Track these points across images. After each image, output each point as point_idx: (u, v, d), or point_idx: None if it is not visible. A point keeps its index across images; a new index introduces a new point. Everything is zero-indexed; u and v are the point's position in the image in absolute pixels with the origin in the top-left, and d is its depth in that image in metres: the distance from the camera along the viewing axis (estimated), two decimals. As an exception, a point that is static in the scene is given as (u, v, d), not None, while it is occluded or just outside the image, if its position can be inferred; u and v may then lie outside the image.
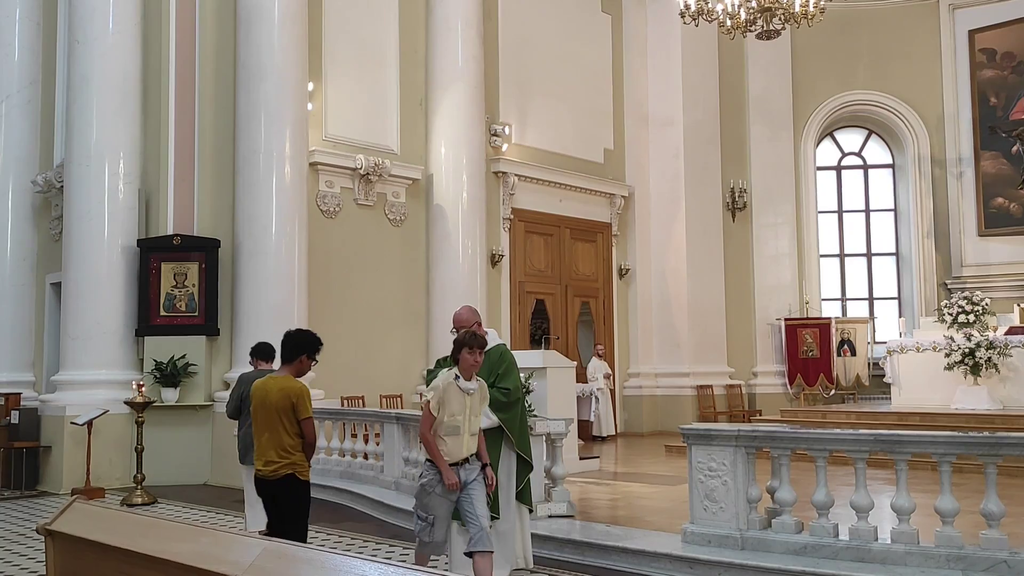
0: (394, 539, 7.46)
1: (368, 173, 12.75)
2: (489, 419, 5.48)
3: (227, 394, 11.07)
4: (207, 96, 11.54)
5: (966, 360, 11.77)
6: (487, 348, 5.68)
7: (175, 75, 11.53)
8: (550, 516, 7.28)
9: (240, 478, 7.91)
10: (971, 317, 14.23)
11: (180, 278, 11.27)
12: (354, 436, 10.09)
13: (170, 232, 11.30)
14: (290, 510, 4.97)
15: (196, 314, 11.28)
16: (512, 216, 14.91)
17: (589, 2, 16.62)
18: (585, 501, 8.49)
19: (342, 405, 11.55)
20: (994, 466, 5.20)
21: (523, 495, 5.87)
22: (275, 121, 11.26)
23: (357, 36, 13.00)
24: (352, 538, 7.55)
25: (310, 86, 12.00)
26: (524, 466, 5.86)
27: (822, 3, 9.70)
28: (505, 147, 14.71)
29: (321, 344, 5.16)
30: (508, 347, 6.12)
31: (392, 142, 13.34)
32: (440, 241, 13.53)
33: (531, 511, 6.12)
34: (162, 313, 11.23)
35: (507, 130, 14.70)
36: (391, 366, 12.86)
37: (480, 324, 5.75)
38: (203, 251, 11.29)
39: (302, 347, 5.04)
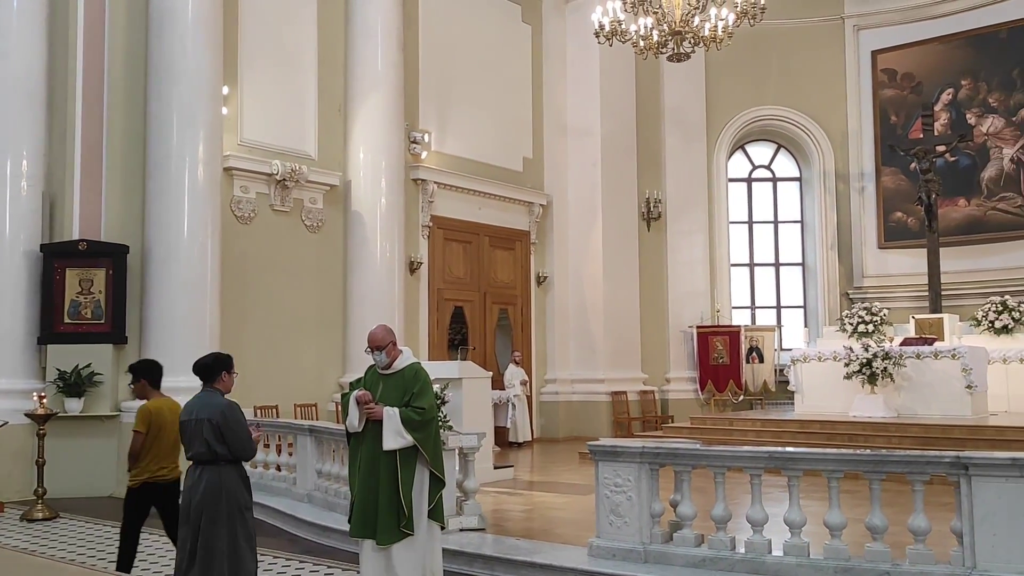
0: (306, 554, 7.43)
1: (284, 179, 12.63)
2: (404, 438, 5.50)
3: (136, 404, 10.83)
4: (117, 97, 11.24)
5: (863, 370, 12.33)
6: (401, 367, 5.72)
7: (82, 75, 11.18)
8: (461, 530, 7.37)
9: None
10: (870, 327, 14.97)
11: (86, 284, 10.96)
12: (267, 447, 9.97)
13: (76, 237, 10.97)
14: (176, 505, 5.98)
15: (103, 321, 10.98)
16: (431, 223, 14.95)
17: (510, 12, 16.77)
18: (498, 512, 8.61)
19: (255, 415, 11.40)
20: (879, 482, 5.51)
21: (435, 512, 5.89)
22: (188, 125, 11.07)
23: (274, 40, 12.86)
24: (262, 554, 7.47)
25: (225, 90, 11.81)
26: (436, 483, 5.89)
27: (731, 28, 10.06)
28: (424, 154, 14.73)
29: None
30: (422, 364, 6.16)
31: (310, 147, 13.23)
32: (358, 248, 13.48)
33: (443, 528, 6.18)
34: (66, 320, 10.89)
35: (426, 137, 14.73)
36: (306, 375, 12.76)
37: (395, 344, 5.78)
38: (110, 257, 11.00)
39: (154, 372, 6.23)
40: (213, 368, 5.28)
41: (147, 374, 6.23)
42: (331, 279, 13.37)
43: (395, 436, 5.40)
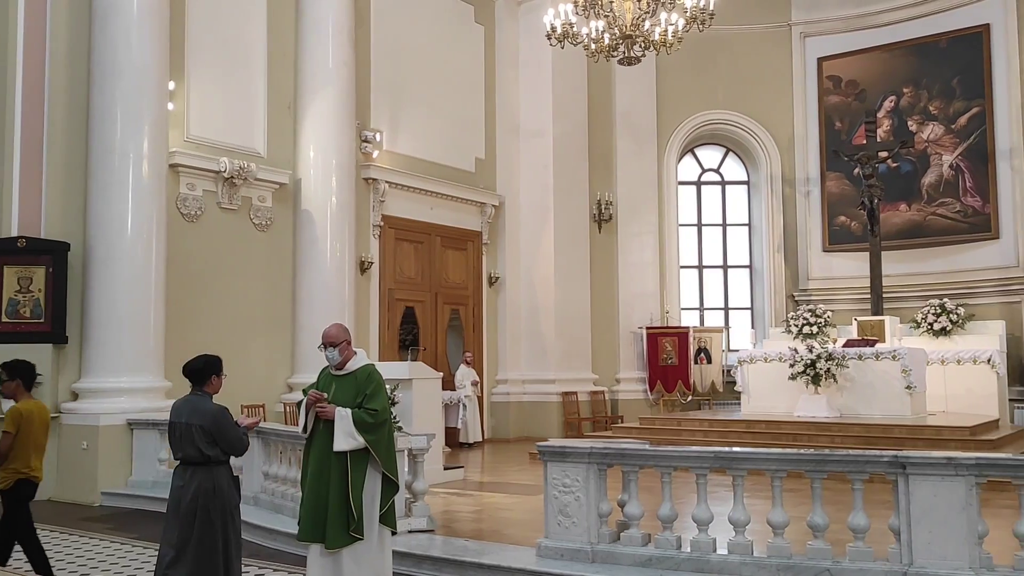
0: (252, 558, 7.32)
1: (232, 176, 12.44)
2: (355, 440, 5.42)
3: (76, 405, 10.61)
4: (58, 90, 10.95)
5: (807, 371, 12.57)
6: (354, 368, 5.66)
7: (23, 67, 10.86)
8: (410, 531, 7.34)
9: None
10: (814, 328, 15.28)
11: (25, 282, 10.67)
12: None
13: (15, 233, 10.66)
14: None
15: (42, 320, 10.70)
16: (382, 223, 14.86)
17: (463, 12, 16.75)
18: (448, 514, 8.59)
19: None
20: (820, 481, 5.63)
21: (387, 517, 5.79)
22: (132, 120, 10.82)
23: (223, 35, 12.65)
24: (207, 557, 7.35)
25: (171, 85, 11.59)
26: (389, 487, 5.79)
27: (680, 33, 10.18)
28: (376, 153, 14.63)
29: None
30: (376, 366, 6.11)
31: (259, 145, 13.05)
32: (308, 247, 13.33)
33: (394, 533, 6.10)
34: (4, 319, 10.60)
35: (378, 136, 14.62)
36: (254, 375, 12.56)
37: (349, 343, 5.71)
38: (51, 254, 10.71)
39: (30, 373, 6.16)
40: (204, 372, 5.29)
41: (23, 375, 6.13)
42: (280, 279, 13.21)
43: (346, 437, 5.34)
